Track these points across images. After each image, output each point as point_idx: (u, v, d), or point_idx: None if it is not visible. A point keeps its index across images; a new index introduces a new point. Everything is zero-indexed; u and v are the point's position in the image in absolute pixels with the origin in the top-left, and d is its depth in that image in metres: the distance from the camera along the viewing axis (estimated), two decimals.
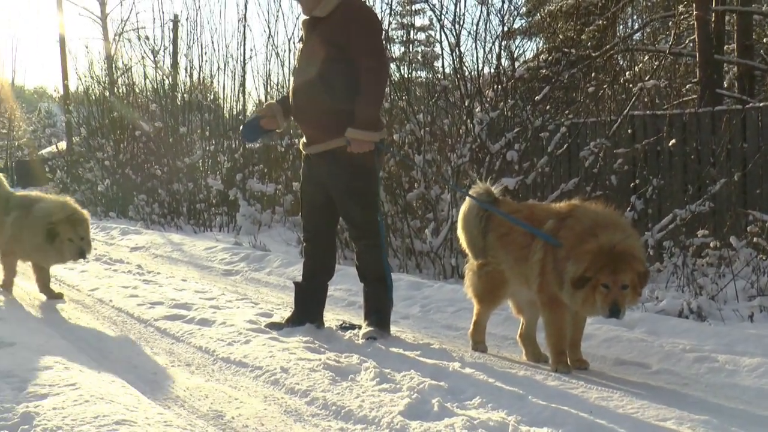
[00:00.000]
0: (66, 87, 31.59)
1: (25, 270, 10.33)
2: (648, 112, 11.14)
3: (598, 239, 5.11)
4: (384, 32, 13.31)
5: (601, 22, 17.01)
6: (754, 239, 7.93)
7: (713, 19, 14.56)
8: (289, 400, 4.65)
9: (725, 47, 16.21)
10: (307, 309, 6.63)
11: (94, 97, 24.28)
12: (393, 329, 6.59)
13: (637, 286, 5.13)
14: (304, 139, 6.63)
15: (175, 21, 23.41)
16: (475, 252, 5.93)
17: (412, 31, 19.33)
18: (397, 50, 17.69)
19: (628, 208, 9.33)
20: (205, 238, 14.82)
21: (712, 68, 13.69)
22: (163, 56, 22.46)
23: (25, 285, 9.06)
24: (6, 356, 5.28)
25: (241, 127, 7.39)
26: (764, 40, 16.45)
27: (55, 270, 10.46)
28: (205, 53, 20.71)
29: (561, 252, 5.26)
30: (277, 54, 22.55)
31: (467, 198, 6.11)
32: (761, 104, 9.94)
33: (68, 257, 7.64)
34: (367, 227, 6.47)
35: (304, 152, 6.63)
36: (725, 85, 15.49)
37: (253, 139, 7.80)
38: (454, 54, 11.78)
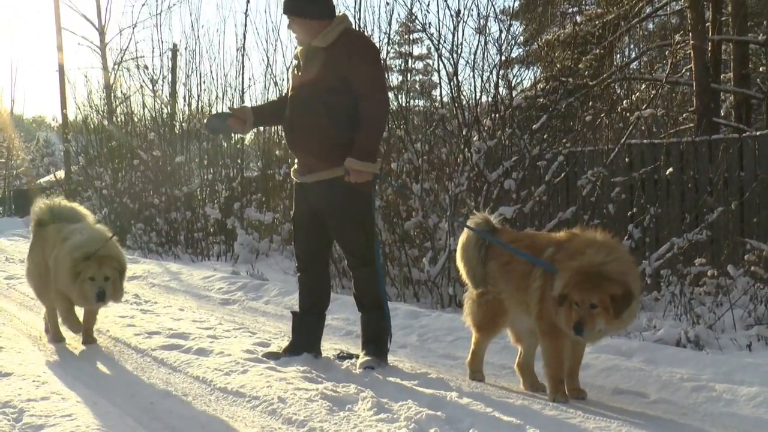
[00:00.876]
0: (65, 116, 31.66)
1: (24, 300, 10.35)
2: (645, 140, 11.19)
3: (583, 258, 5.17)
4: (383, 61, 13.50)
5: (598, 51, 17.11)
6: (752, 268, 7.94)
7: (710, 48, 14.69)
8: (286, 430, 4.63)
9: (722, 76, 16.34)
10: (305, 338, 6.61)
11: (92, 125, 24.29)
12: (390, 359, 6.58)
13: (609, 307, 5.09)
14: (296, 167, 6.63)
15: (174, 50, 23.47)
16: (475, 281, 5.94)
17: (410, 60, 19.39)
18: (395, 79, 17.71)
19: (626, 237, 9.34)
20: (202, 267, 14.81)
21: (709, 97, 13.79)
22: (162, 85, 22.49)
23: (25, 316, 9.07)
24: (3, 386, 5.29)
25: (209, 115, 7.82)
26: (761, 69, 16.54)
27: None
28: (204, 82, 20.59)
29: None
30: (275, 83, 22.40)
31: (466, 227, 6.13)
32: (758, 133, 9.99)
33: (90, 299, 6.89)
34: (365, 255, 6.46)
35: (298, 181, 6.57)
36: (722, 114, 15.60)
37: (215, 131, 7.63)
38: (451, 83, 11.82)
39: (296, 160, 6.64)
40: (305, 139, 6.36)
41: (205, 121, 7.04)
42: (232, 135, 7.29)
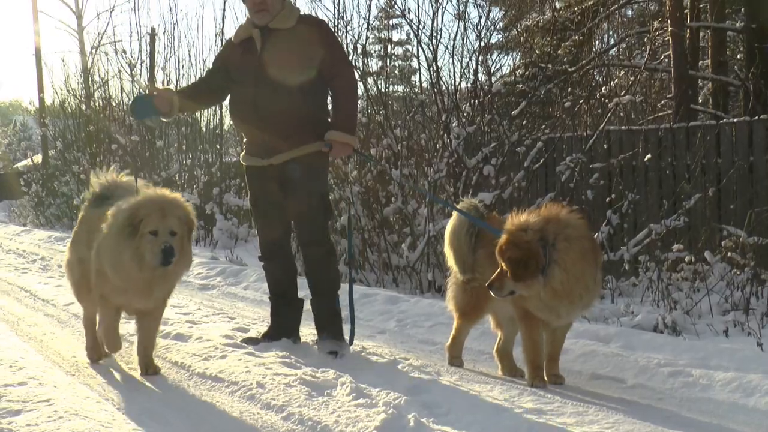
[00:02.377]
0: (42, 100, 31.41)
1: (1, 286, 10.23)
2: (624, 127, 11.25)
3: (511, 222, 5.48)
4: (362, 47, 13.47)
5: (577, 37, 17.12)
6: (729, 254, 8.00)
7: (688, 35, 14.72)
8: (264, 415, 4.62)
9: (700, 63, 16.39)
10: (284, 324, 6.58)
11: (70, 110, 24.20)
12: (369, 344, 6.60)
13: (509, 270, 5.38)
14: (253, 150, 6.47)
15: (153, 34, 23.28)
16: (463, 268, 5.94)
17: (389, 46, 19.34)
18: (374, 65, 17.68)
19: (604, 223, 9.39)
20: None
21: (687, 84, 13.82)
22: (140, 70, 22.32)
23: (6, 303, 9.01)
24: None
25: (131, 101, 7.25)
26: (738, 56, 16.61)
27: (29, 283, 10.43)
28: (182, 67, 20.47)
29: None
30: None
31: (455, 213, 6.12)
32: (735, 120, 10.05)
33: (149, 261, 5.15)
34: (324, 234, 6.54)
35: (260, 164, 6.38)
36: (700, 101, 15.66)
37: (143, 116, 6.87)
38: (431, 69, 11.82)
39: (255, 143, 6.45)
40: (276, 120, 6.20)
41: (129, 111, 6.79)
42: (160, 120, 6.46)
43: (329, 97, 6.63)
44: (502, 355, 5.95)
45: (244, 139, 6.76)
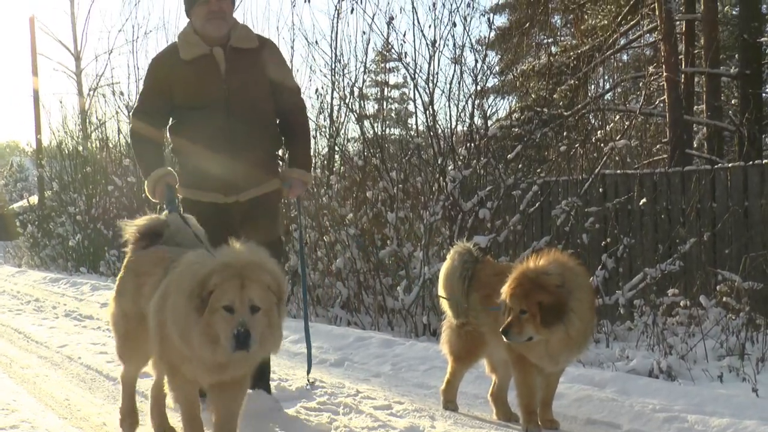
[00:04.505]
0: (39, 141, 31.45)
1: None
2: (619, 171, 11.30)
3: (527, 265, 5.34)
4: (359, 89, 13.55)
5: (572, 81, 17.26)
6: (724, 299, 7.99)
7: (683, 81, 14.87)
8: None
9: (695, 108, 16.51)
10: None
11: (67, 151, 24.29)
12: (363, 387, 6.56)
13: (536, 315, 5.15)
14: (208, 185, 5.52)
15: None
16: (456, 312, 5.90)
17: (385, 89, 19.47)
18: (371, 107, 17.82)
19: (600, 267, 9.39)
20: None
21: (682, 128, 13.94)
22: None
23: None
24: None
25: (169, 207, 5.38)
26: (732, 102, 16.73)
27: (23, 325, 10.40)
28: None
29: None
30: None
31: (449, 258, 6.11)
32: (730, 164, 10.10)
33: (225, 344, 3.94)
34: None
35: (223, 201, 5.54)
36: (695, 145, 15.76)
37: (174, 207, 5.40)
38: (427, 112, 11.87)
39: (216, 177, 5.47)
40: (248, 153, 5.45)
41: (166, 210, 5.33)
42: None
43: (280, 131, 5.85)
44: (497, 399, 5.92)
45: (187, 171, 5.62)
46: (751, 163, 9.65)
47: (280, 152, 5.95)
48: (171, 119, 5.61)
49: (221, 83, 5.40)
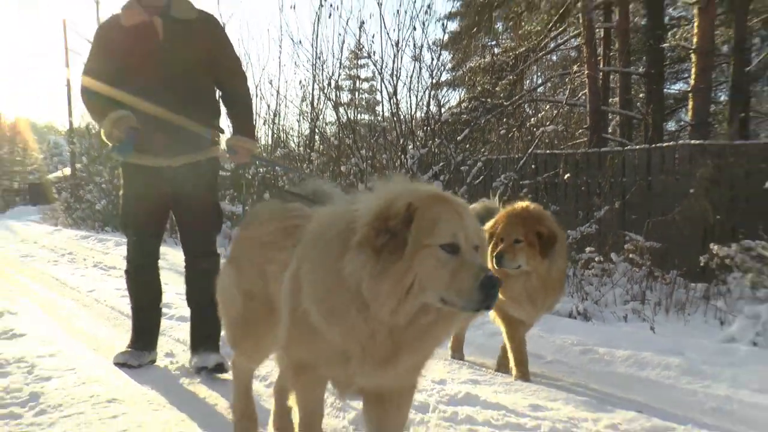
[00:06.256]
0: (71, 123, 31.06)
1: (35, 275, 10.08)
2: (548, 151, 11.37)
3: (514, 204, 5.12)
4: (335, 82, 13.49)
5: (511, 77, 17.28)
6: (630, 255, 8.10)
7: (601, 78, 14.94)
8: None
9: (610, 100, 16.61)
10: (144, 336, 5.20)
11: (94, 131, 23.97)
12: None
13: (534, 243, 4.71)
14: (142, 147, 4.69)
15: None
16: None
17: (357, 81, 19.38)
18: (345, 97, 17.71)
19: None
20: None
21: (599, 117, 14.04)
22: None
23: (36, 287, 8.92)
24: (18, 345, 5.23)
25: (117, 149, 4.65)
26: (640, 95, 16.85)
27: (59, 273, 10.33)
28: None
29: None
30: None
31: None
32: (637, 147, 10.20)
33: (450, 298, 2.28)
34: (213, 247, 5.05)
35: (157, 164, 4.81)
36: (609, 131, 15.88)
37: (127, 153, 4.66)
38: (391, 101, 11.88)
39: (149, 140, 4.69)
40: (183, 115, 4.71)
41: (118, 148, 4.63)
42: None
43: (221, 101, 5.12)
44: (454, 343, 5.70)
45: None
46: (654, 145, 9.76)
47: (219, 123, 5.11)
48: (112, 85, 4.71)
49: (157, 48, 4.67)
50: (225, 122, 5.58)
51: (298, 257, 2.72)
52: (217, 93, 5.06)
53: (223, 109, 5.12)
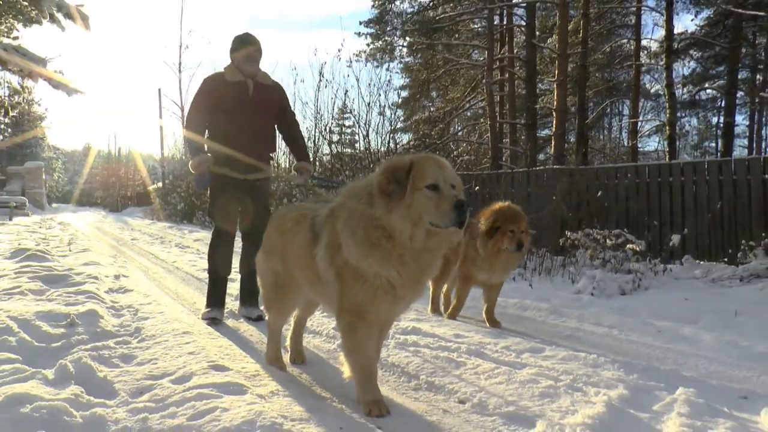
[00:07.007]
0: (162, 154, 30.71)
1: (140, 251, 9.88)
2: (465, 172, 11.43)
3: (502, 203, 4.68)
4: (328, 128, 13.42)
5: (441, 125, 17.36)
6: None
7: (498, 126, 15.05)
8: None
9: (504, 140, 16.72)
10: (219, 297, 4.77)
11: (176, 158, 23.79)
12: None
13: (528, 233, 4.41)
14: (232, 165, 4.62)
15: None
16: None
17: (342, 127, 19.38)
18: (335, 137, 17.71)
19: None
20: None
21: (497, 151, 14.12)
22: None
23: (140, 259, 8.76)
24: (128, 296, 5.16)
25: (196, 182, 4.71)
26: (522, 137, 17.02)
27: (154, 251, 10.15)
28: None
29: None
30: None
31: None
32: (521, 170, 10.29)
33: (436, 220, 2.31)
34: (262, 235, 4.54)
35: (240, 177, 4.66)
36: (504, 160, 16.01)
37: (204, 186, 4.69)
38: (365, 140, 11.92)
39: (237, 161, 4.61)
40: (259, 147, 4.69)
41: (197, 180, 4.64)
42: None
43: (283, 137, 5.04)
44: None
45: (219, 155, 4.61)
46: (531, 169, 9.83)
47: (272, 155, 4.96)
48: (211, 119, 4.66)
49: (248, 98, 4.62)
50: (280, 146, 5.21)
51: (329, 227, 2.54)
52: (277, 132, 4.94)
53: (281, 141, 5.20)
